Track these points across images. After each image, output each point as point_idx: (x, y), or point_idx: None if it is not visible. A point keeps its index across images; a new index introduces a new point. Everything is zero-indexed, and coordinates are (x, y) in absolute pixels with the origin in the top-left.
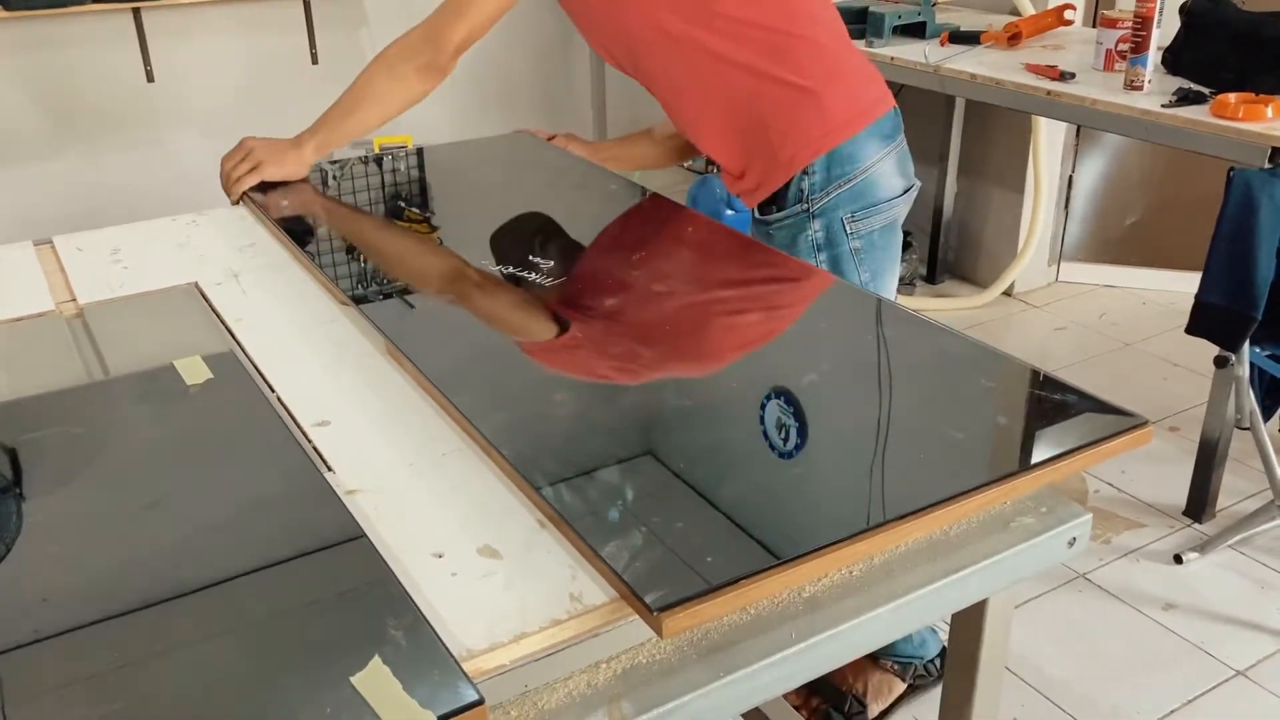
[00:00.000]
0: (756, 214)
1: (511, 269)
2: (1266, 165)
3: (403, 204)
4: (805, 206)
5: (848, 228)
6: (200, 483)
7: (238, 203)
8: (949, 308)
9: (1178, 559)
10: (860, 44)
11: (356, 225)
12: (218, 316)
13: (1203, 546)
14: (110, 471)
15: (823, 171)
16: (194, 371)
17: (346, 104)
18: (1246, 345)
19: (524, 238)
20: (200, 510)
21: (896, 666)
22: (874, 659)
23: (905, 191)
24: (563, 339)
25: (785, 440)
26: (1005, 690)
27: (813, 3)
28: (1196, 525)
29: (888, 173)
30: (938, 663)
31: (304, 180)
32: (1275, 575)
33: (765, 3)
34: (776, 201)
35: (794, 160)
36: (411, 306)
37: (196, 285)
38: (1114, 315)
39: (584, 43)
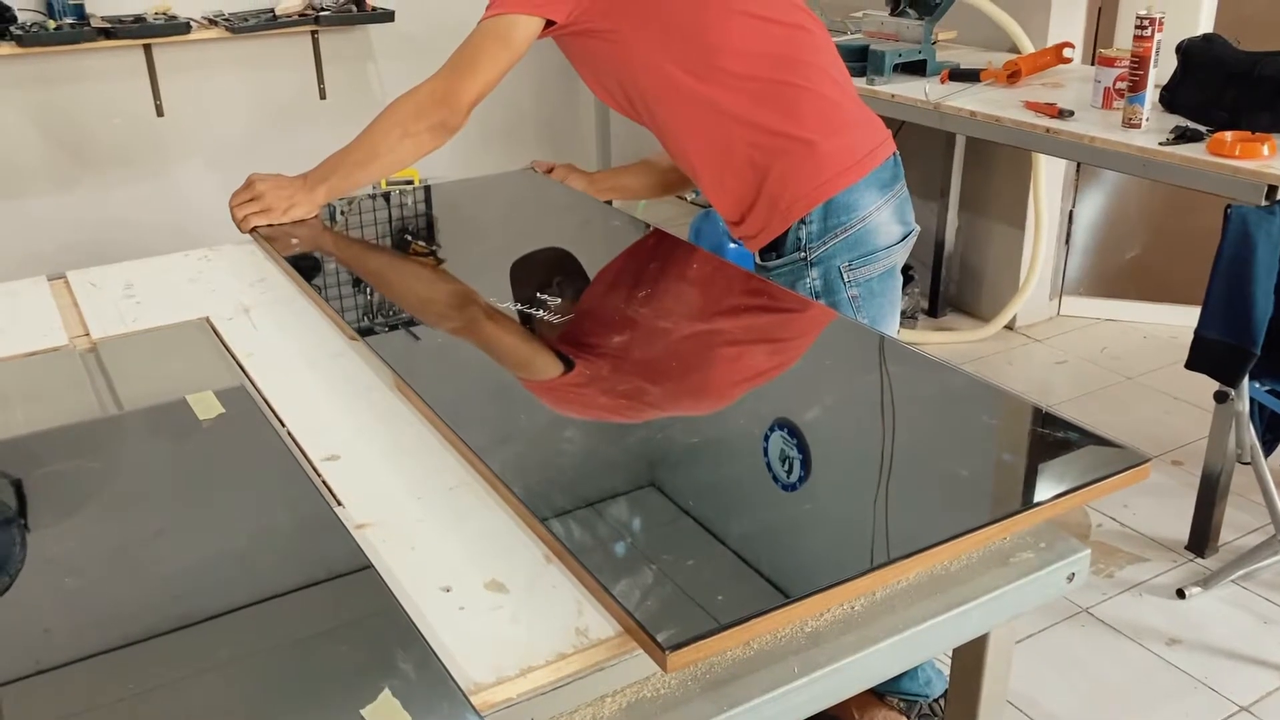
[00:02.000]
0: (758, 259)
1: (522, 305)
2: (1263, 203)
3: (410, 239)
4: (803, 255)
5: (845, 276)
6: (212, 517)
7: (249, 233)
8: (951, 341)
9: (1180, 593)
10: (861, 81)
11: (372, 260)
12: (229, 351)
13: (1205, 581)
14: (123, 505)
15: (819, 221)
16: (206, 406)
17: (359, 156)
18: (1246, 380)
19: (536, 273)
20: (212, 544)
21: (902, 704)
22: (880, 696)
23: (904, 238)
24: (569, 377)
25: (789, 474)
26: None
27: (816, 53)
28: (1199, 560)
29: (886, 221)
30: (942, 703)
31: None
32: (1278, 610)
33: (767, 57)
34: (776, 249)
35: (791, 209)
36: (419, 340)
37: (208, 320)
38: (1115, 349)
39: None
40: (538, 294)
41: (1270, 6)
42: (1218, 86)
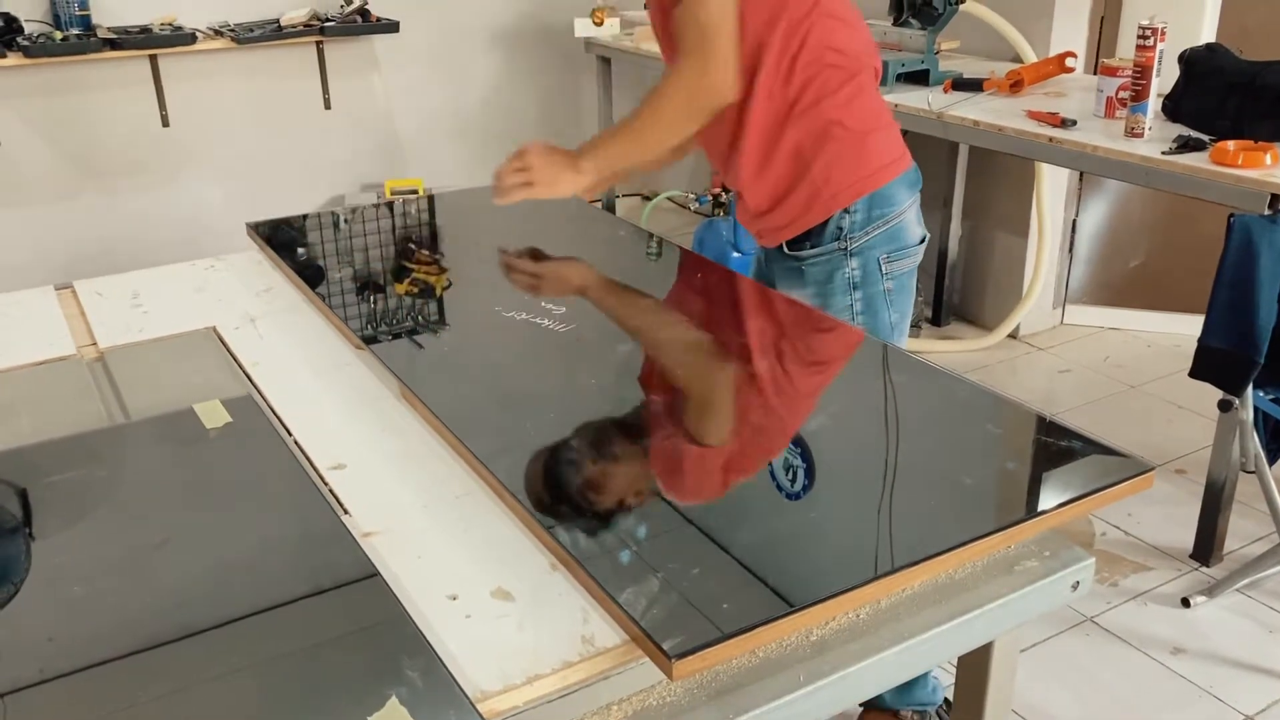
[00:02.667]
0: (786, 249)
1: (524, 315)
2: (1266, 212)
3: (414, 247)
4: (843, 245)
5: (883, 268)
6: (219, 525)
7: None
8: (954, 350)
9: (1185, 602)
10: None
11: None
12: (235, 360)
13: (1210, 590)
14: (129, 513)
15: (864, 211)
16: (213, 415)
17: (637, 134)
18: (1250, 389)
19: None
20: (219, 552)
21: (915, 716)
22: (894, 712)
23: (923, 240)
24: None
25: (793, 483)
26: None
27: (872, 57)
28: (1204, 568)
29: (913, 220)
30: (943, 711)
31: None
32: None
33: (842, 54)
34: (810, 238)
35: (836, 198)
36: (425, 349)
37: (215, 329)
38: (1119, 358)
39: (591, 86)
40: (543, 303)
41: (1272, 16)
42: (1220, 96)
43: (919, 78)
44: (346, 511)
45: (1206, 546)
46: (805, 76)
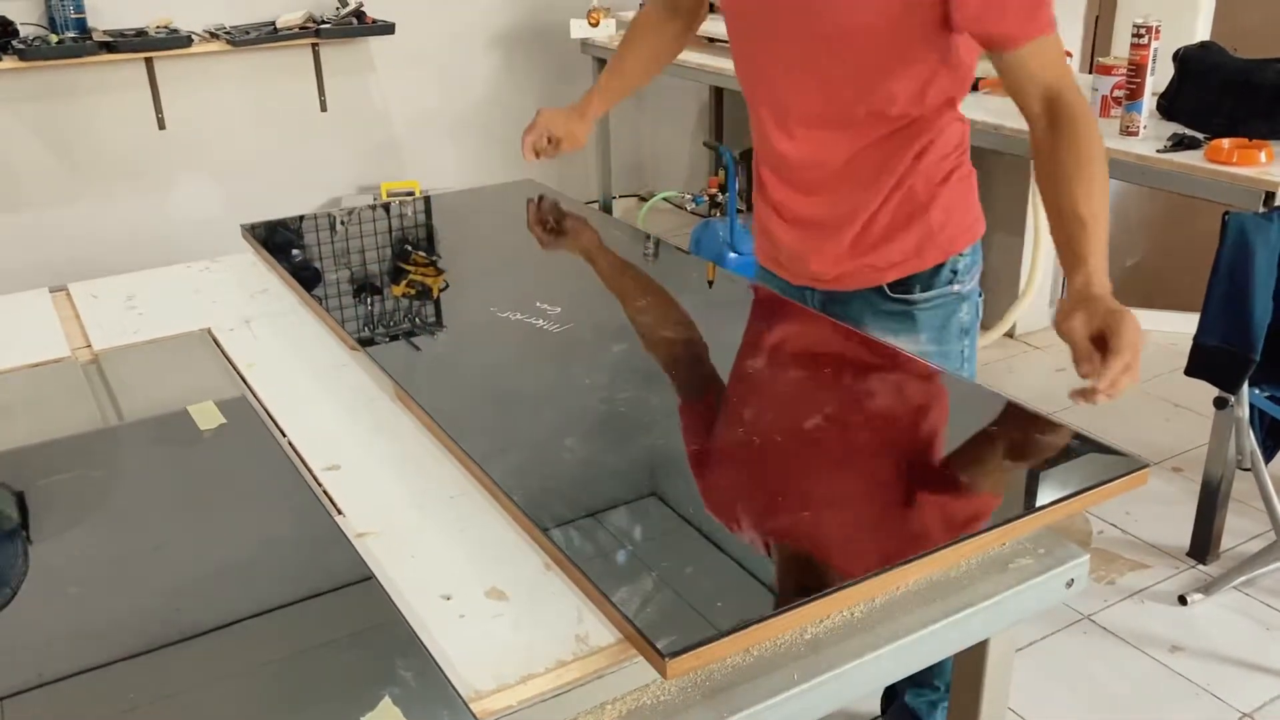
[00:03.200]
0: (889, 291)
1: (519, 315)
2: (1261, 209)
3: (410, 249)
4: (956, 289)
5: (979, 310)
6: (212, 526)
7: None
8: None
9: (1182, 600)
10: None
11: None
12: (230, 362)
13: (1207, 588)
14: (124, 515)
15: (972, 255)
16: (207, 417)
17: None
18: (1246, 386)
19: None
20: (212, 553)
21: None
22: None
23: None
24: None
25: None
26: None
27: None
28: (1201, 566)
29: None
30: None
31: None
32: None
33: (965, 82)
34: (920, 281)
35: (954, 242)
36: (419, 350)
37: (209, 331)
38: None
39: (586, 87)
40: (538, 304)
41: (1266, 15)
42: (1215, 94)
43: None
44: (340, 512)
45: (1203, 544)
46: (944, 121)
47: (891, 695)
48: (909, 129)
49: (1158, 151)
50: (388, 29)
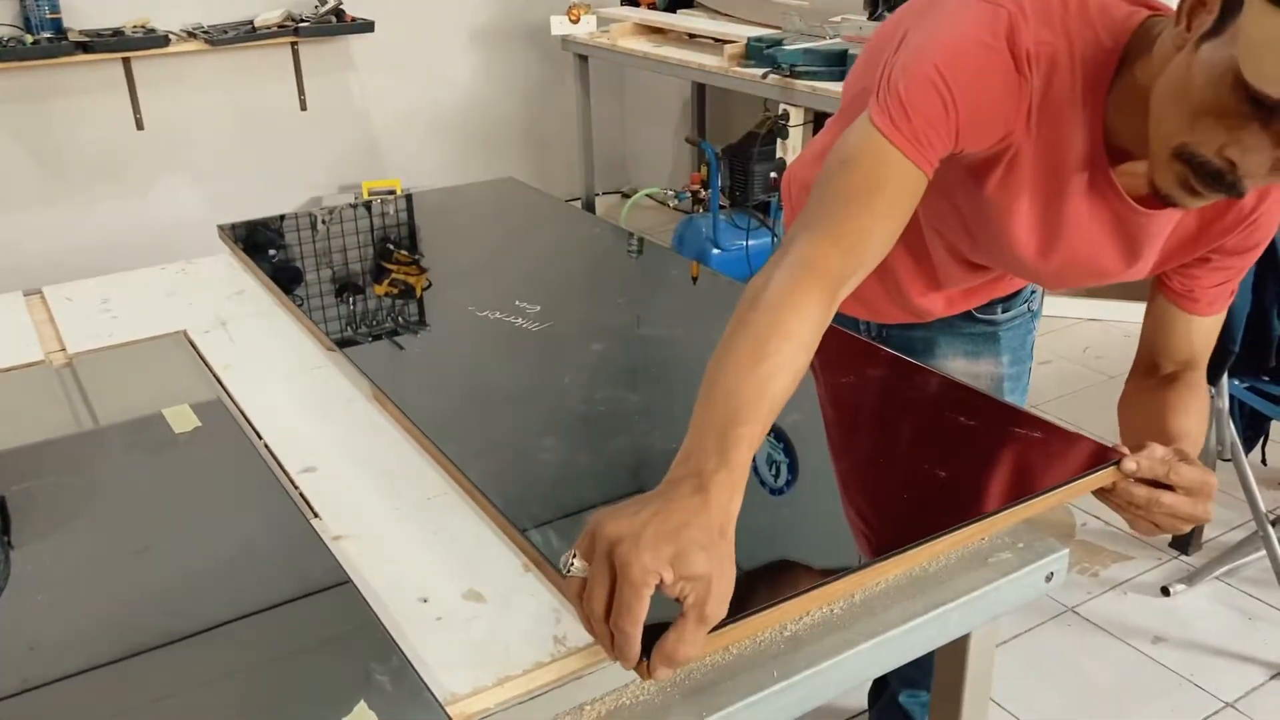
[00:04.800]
0: (976, 313)
1: (498, 314)
2: None
3: (391, 248)
4: (1029, 306)
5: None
6: (187, 530)
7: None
8: None
9: (1165, 591)
10: (836, 85)
11: None
12: (206, 364)
13: (1190, 578)
14: (99, 520)
15: None
16: (182, 420)
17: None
18: (1226, 378)
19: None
20: (187, 558)
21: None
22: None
23: None
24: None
25: (776, 478)
26: None
27: None
28: (1183, 557)
29: None
30: None
31: None
32: (1261, 606)
33: None
34: (1003, 301)
35: None
36: (398, 351)
37: (185, 334)
38: (1098, 349)
39: (567, 84)
40: (517, 302)
41: None
42: None
43: None
44: (316, 515)
45: (1185, 535)
46: None
47: (879, 691)
48: None
49: None
50: (367, 27)
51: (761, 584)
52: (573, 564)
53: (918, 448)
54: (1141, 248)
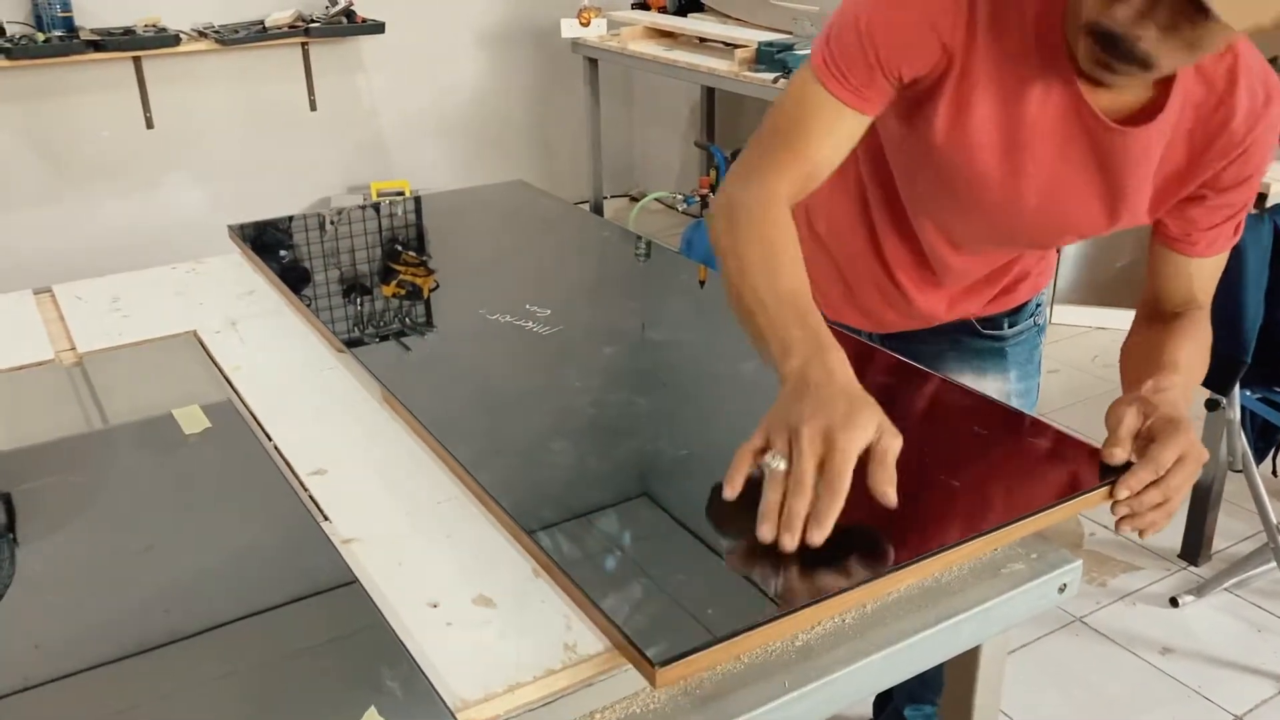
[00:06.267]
0: (981, 327)
1: (509, 317)
2: (1252, 210)
3: (400, 249)
4: (1035, 320)
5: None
6: (197, 532)
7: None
8: None
9: (1174, 602)
10: None
11: None
12: (216, 365)
13: (1199, 589)
14: (108, 520)
15: (1048, 288)
16: (192, 421)
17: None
18: (1237, 388)
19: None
20: (197, 560)
21: None
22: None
23: None
24: None
25: None
26: None
27: None
28: (1192, 568)
29: None
30: None
31: None
32: (1271, 618)
33: None
34: (1009, 316)
35: (1043, 276)
36: (408, 353)
37: (195, 334)
38: (1107, 357)
39: (576, 87)
40: (528, 306)
41: None
42: None
43: None
44: (326, 518)
45: (1195, 546)
46: None
47: (883, 703)
48: None
49: None
50: (378, 28)
51: (773, 594)
52: (778, 460)
53: (929, 456)
54: (1123, 177)
